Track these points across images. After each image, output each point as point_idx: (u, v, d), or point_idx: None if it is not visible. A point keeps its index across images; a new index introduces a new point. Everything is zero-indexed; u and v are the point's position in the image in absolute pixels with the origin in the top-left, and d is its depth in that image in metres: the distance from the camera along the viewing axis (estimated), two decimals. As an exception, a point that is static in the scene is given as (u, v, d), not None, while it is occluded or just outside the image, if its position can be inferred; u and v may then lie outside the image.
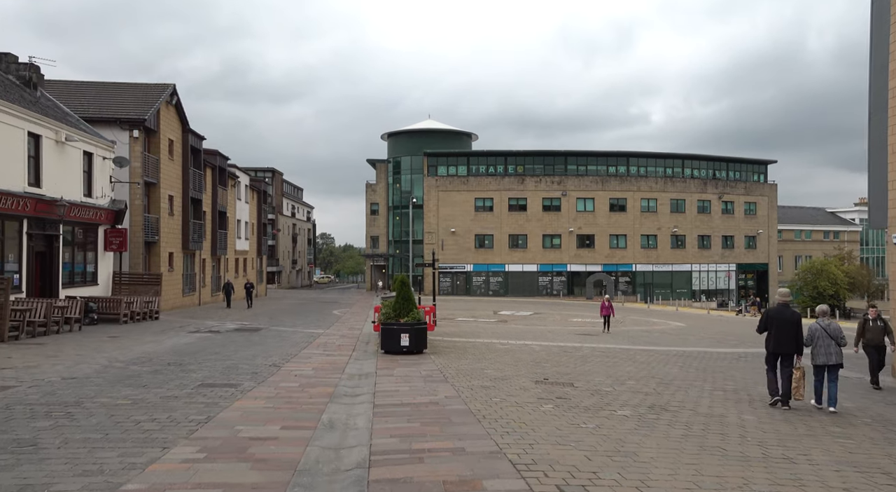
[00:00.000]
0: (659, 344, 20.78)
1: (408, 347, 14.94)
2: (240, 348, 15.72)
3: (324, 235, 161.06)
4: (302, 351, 15.47)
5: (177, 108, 31.57)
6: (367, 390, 9.93)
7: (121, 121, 26.93)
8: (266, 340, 17.89)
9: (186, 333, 19.24)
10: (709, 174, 65.81)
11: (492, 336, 21.40)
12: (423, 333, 15.34)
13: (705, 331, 28.22)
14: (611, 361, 15.43)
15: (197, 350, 15.11)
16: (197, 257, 35.52)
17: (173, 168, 31.38)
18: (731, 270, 66.18)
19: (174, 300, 31.57)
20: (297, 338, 18.91)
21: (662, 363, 15.35)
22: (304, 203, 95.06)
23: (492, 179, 61.90)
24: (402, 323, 14.99)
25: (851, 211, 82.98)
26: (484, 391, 9.94)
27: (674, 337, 24.10)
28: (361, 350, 16.06)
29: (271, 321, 25.37)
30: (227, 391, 9.63)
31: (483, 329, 24.50)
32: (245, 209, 48.19)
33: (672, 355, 17.40)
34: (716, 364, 15.75)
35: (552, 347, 18.33)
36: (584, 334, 23.43)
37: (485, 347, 17.71)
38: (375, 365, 13.00)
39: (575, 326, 27.93)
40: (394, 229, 67.43)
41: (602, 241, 62.05)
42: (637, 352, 17.91)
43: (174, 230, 31.56)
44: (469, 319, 30.27)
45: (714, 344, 21.62)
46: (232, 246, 43.84)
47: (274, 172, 76.52)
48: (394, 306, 15.36)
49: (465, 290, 61.21)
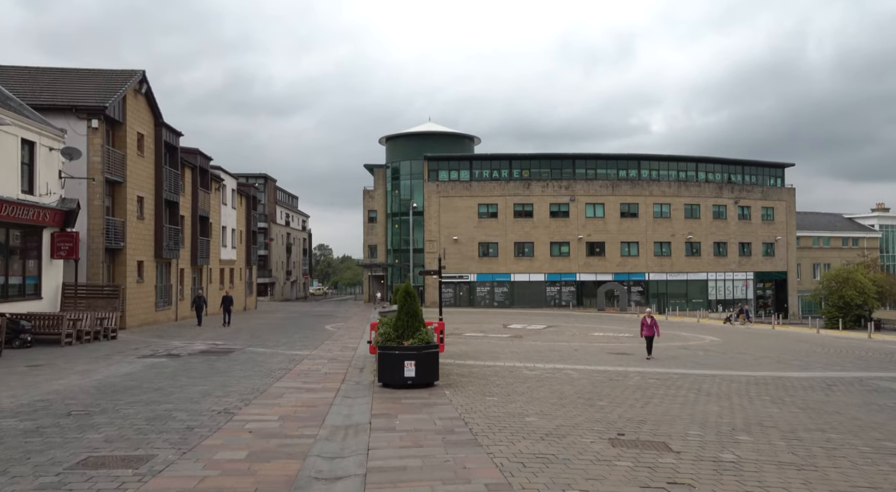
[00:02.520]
0: (714, 366, 17.11)
1: (414, 379, 11.26)
2: (192, 382, 12.01)
3: (322, 246, 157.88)
4: (274, 385, 11.77)
5: (147, 98, 28.00)
6: (354, 466, 6.25)
7: (77, 109, 23.32)
8: (233, 368, 14.17)
9: (135, 359, 15.48)
10: (724, 178, 62.39)
11: (512, 357, 17.72)
12: (433, 359, 11.67)
13: (747, 346, 24.64)
14: (678, 394, 11.78)
15: (131, 386, 11.40)
16: (173, 267, 31.82)
17: (143, 166, 27.77)
18: (749, 279, 62.56)
19: (145, 315, 27.83)
20: (273, 363, 15.21)
21: (746, 398, 11.71)
22: (300, 212, 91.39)
23: (496, 183, 58.40)
24: (407, 347, 11.33)
25: (870, 217, 79.50)
26: (542, 468, 6.26)
27: (721, 355, 20.44)
28: (353, 381, 12.37)
29: (251, 340, 21.66)
30: (112, 482, 5.81)
31: (498, 347, 20.82)
32: (232, 215, 44.54)
33: (746, 384, 13.75)
34: (813, 397, 12.10)
35: (592, 372, 14.66)
36: (619, 354, 19.76)
37: (509, 373, 14.04)
38: (370, 408, 9.33)
39: (601, 342, 24.27)
40: (393, 238, 63.83)
41: (613, 248, 58.46)
42: (700, 379, 14.25)
43: (144, 236, 27.89)
44: (478, 335, 26.59)
45: (777, 365, 17.94)
46: (216, 255, 40.15)
47: (266, 178, 72.91)
48: (395, 324, 11.70)
49: (469, 301, 57.53)
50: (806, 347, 25.31)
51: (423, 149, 60.35)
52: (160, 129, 29.02)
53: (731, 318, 45.57)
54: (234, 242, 45.24)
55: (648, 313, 19.32)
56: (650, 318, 18.82)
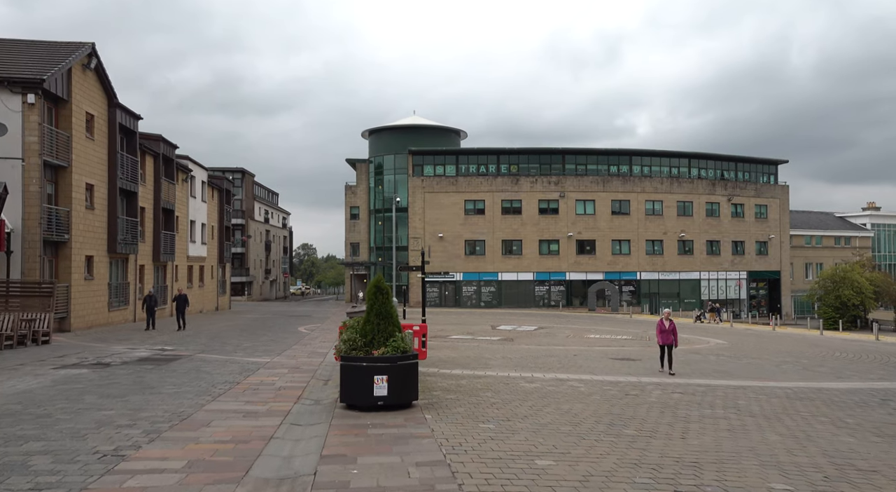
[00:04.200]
0: (737, 375, 14.83)
1: (386, 399, 8.78)
2: (100, 403, 9.39)
3: (306, 245, 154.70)
4: (206, 406, 9.21)
5: (98, 74, 25.18)
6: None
7: (10, 82, 20.49)
8: (165, 382, 11.56)
9: (50, 370, 12.77)
10: (716, 175, 60.55)
11: (506, 365, 15.30)
12: (411, 372, 9.17)
13: (758, 350, 22.55)
14: (717, 415, 9.45)
15: (14, 410, 8.72)
16: (131, 263, 28.99)
17: (94, 150, 24.96)
18: (742, 279, 60.74)
19: (95, 316, 25.02)
20: (220, 374, 12.63)
21: (801, 419, 9.43)
22: (280, 208, 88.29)
23: (483, 179, 55.99)
24: (377, 357, 8.84)
25: (861, 216, 78.18)
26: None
27: (737, 361, 18.20)
28: (311, 399, 9.86)
29: (208, 345, 19.01)
30: None
31: (488, 352, 18.40)
32: (202, 209, 41.67)
33: (788, 399, 11.47)
34: (876, 417, 9.85)
35: (602, 385, 12.27)
36: (624, 360, 17.44)
37: (505, 386, 11.62)
38: (322, 443, 6.83)
39: (600, 346, 21.97)
40: (376, 235, 61.22)
41: (603, 247, 56.32)
42: (731, 393, 11.92)
43: (95, 228, 25.08)
44: (465, 337, 24.17)
45: (805, 373, 15.71)
46: (183, 251, 37.29)
47: (244, 172, 69.81)
48: (362, 328, 9.20)
49: (455, 301, 55.08)
50: (820, 350, 23.23)
51: (407, 143, 57.81)
52: (114, 110, 26.20)
53: (700, 316, 44.31)
54: (205, 237, 42.36)
55: (667, 315, 15.16)
56: (668, 321, 14.88)
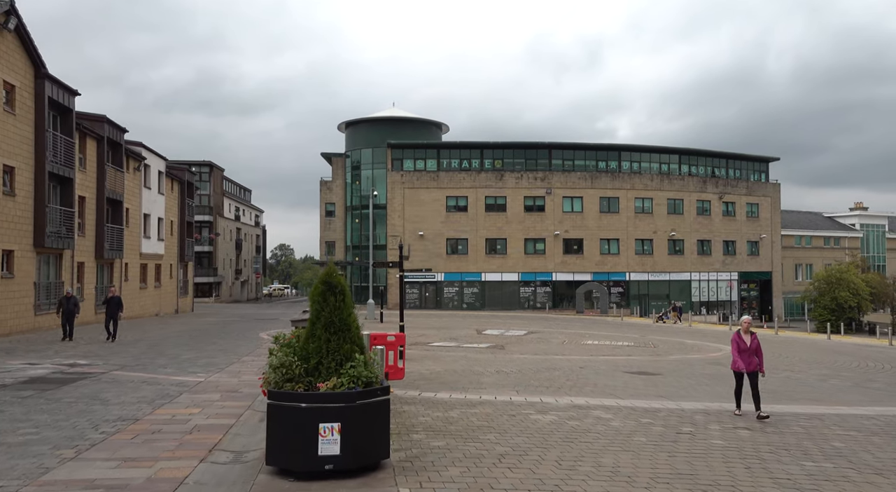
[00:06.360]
0: (792, 397, 11.93)
1: (338, 461, 5.55)
2: None
3: (283, 246, 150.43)
4: (52, 472, 5.90)
5: (21, 38, 21.55)
6: None
7: None
8: (27, 419, 8.16)
9: None
10: (707, 172, 58.27)
11: (503, 382, 12.18)
12: (378, 415, 5.93)
13: (778, 360, 19.90)
14: (824, 470, 6.39)
15: None
16: (66, 260, 25.30)
17: (14, 127, 21.31)
18: (733, 280, 58.48)
19: (15, 321, 21.35)
20: (122, 405, 9.30)
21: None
22: (252, 206, 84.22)
23: (466, 174, 52.92)
24: (325, 393, 5.62)
25: (849, 216, 76.66)
26: None
27: (773, 374, 15.33)
28: (230, 450, 6.62)
29: (137, 358, 15.56)
30: None
31: (479, 365, 15.26)
32: (159, 202, 37.92)
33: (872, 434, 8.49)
34: None
35: (635, 413, 9.17)
36: (642, 374, 14.49)
37: (511, 422, 8.48)
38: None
39: (604, 354, 18.99)
40: (353, 233, 57.83)
41: (591, 246, 53.59)
42: (808, 425, 8.92)
43: (16, 218, 21.43)
44: (449, 344, 21.01)
45: (863, 392, 12.87)
46: (135, 247, 33.57)
47: (212, 166, 65.77)
48: (303, 346, 5.98)
49: (436, 302, 51.90)
50: (846, 359, 20.57)
51: (386, 136, 54.53)
52: (42, 81, 22.56)
53: (663, 316, 42.67)
54: (163, 233, 38.61)
55: (747, 326, 9.84)
56: (749, 334, 9.76)
